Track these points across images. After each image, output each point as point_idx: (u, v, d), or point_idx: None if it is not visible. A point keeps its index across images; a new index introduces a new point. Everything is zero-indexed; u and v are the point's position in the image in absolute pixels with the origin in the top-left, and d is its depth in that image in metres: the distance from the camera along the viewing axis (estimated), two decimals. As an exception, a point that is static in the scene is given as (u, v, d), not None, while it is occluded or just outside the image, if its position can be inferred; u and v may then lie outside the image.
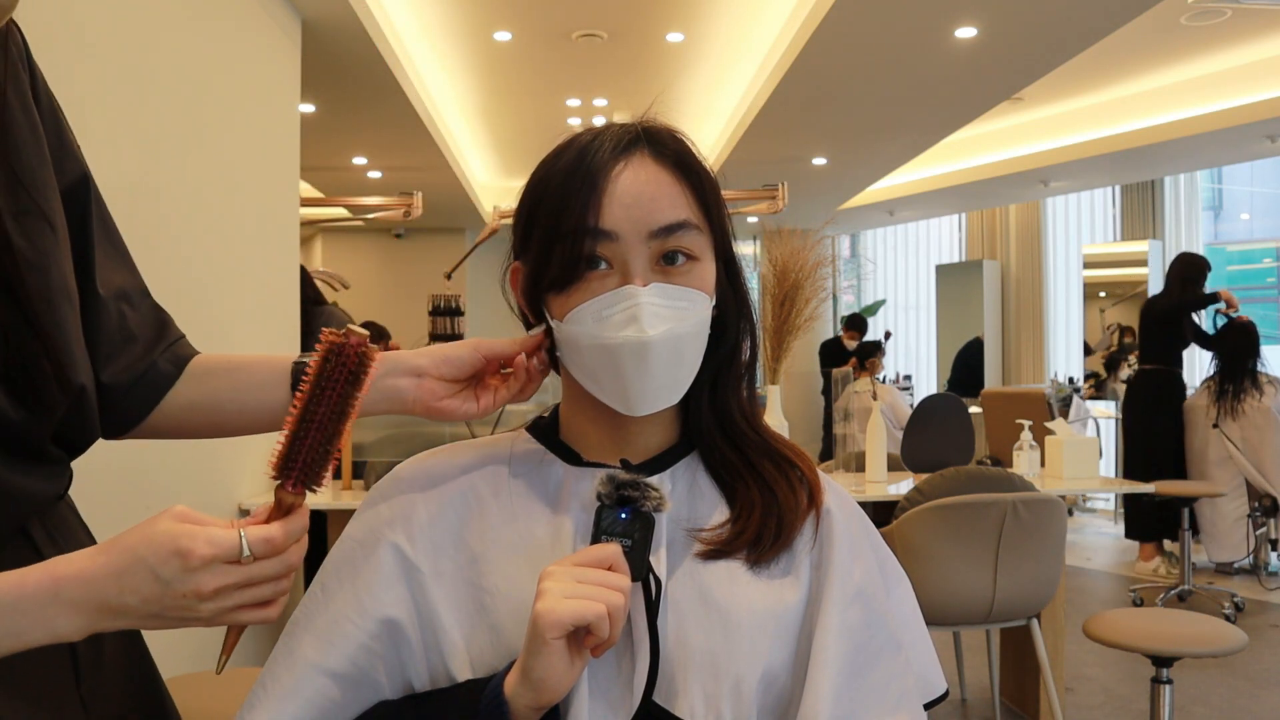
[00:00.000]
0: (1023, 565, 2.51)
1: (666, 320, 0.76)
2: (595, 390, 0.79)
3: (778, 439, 0.88)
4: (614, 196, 0.77)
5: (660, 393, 0.78)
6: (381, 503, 0.83)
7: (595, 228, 0.76)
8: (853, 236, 10.93)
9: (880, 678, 0.77)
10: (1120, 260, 7.42)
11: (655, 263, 0.78)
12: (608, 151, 0.79)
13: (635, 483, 0.75)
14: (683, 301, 0.78)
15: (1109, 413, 7.06)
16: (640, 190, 0.77)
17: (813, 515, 0.82)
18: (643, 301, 0.76)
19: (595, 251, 0.77)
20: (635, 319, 0.75)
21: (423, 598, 0.77)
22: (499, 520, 0.81)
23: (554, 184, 0.79)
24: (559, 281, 0.78)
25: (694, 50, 4.90)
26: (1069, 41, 3.96)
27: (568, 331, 0.78)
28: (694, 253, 0.79)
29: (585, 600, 0.68)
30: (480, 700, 0.71)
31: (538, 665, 0.68)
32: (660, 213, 0.77)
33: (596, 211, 0.76)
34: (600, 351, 0.77)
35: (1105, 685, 3.53)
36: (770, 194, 4.15)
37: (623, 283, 0.77)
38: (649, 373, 0.76)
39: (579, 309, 0.77)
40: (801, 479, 0.84)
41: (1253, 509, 4.86)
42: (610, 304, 0.76)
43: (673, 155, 0.80)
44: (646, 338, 0.75)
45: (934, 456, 3.09)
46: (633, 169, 0.78)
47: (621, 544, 0.73)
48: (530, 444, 0.87)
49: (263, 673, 0.77)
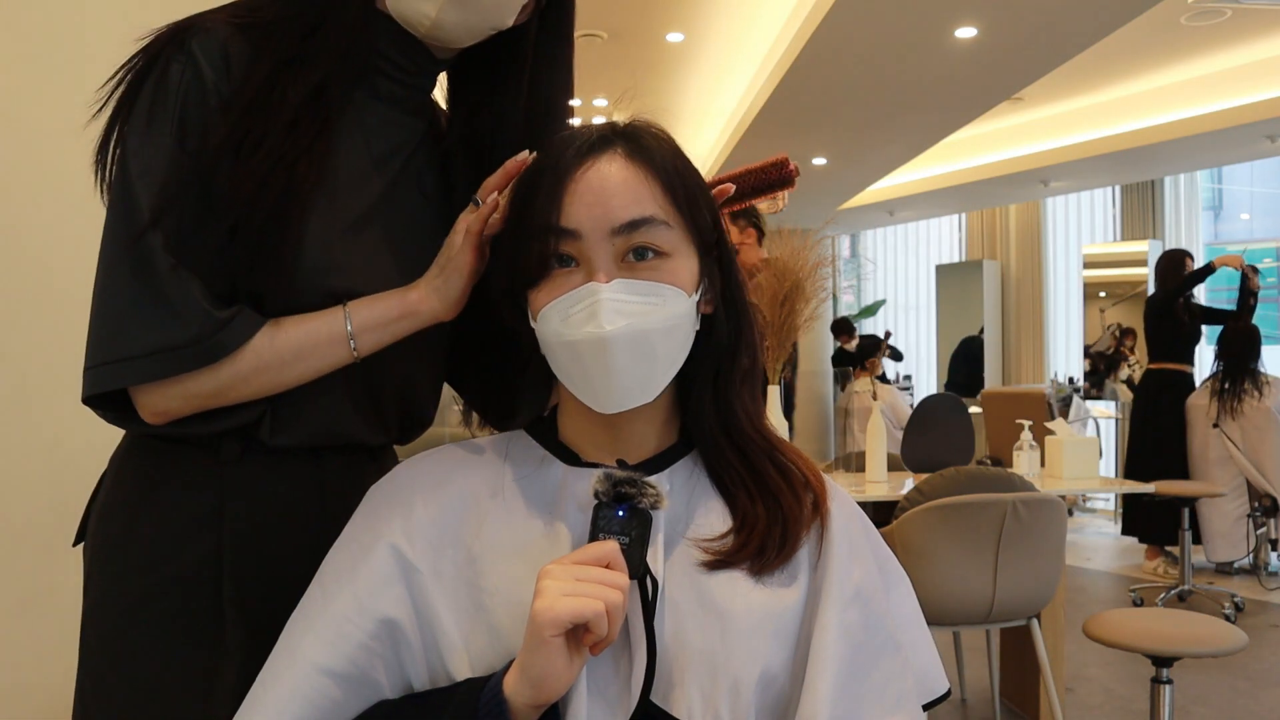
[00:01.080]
0: (1023, 565, 2.51)
1: (627, 316, 0.76)
2: (572, 388, 0.80)
3: (780, 443, 0.88)
4: (576, 195, 0.78)
5: (630, 390, 0.78)
6: (380, 503, 0.83)
7: (558, 225, 0.77)
8: (853, 236, 10.93)
9: (879, 678, 0.77)
10: (1120, 260, 7.42)
11: (622, 259, 0.78)
12: (575, 151, 0.80)
13: (632, 480, 0.75)
14: (651, 297, 0.77)
15: (1109, 413, 7.06)
16: (602, 187, 0.78)
17: (817, 521, 0.82)
18: (602, 298, 0.76)
19: (561, 249, 0.78)
20: (594, 315, 0.76)
21: (421, 598, 0.77)
22: (497, 520, 0.81)
23: (525, 183, 0.82)
24: (529, 279, 0.79)
25: (694, 50, 4.90)
26: (1069, 41, 3.96)
27: (540, 331, 0.79)
28: (663, 248, 0.79)
29: (583, 598, 0.68)
30: (480, 698, 0.71)
31: (536, 663, 0.68)
32: (623, 209, 0.78)
33: (559, 209, 0.77)
34: (566, 349, 0.77)
35: (1105, 685, 3.53)
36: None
37: (586, 280, 0.77)
38: (613, 369, 0.76)
39: (546, 308, 0.78)
40: (806, 484, 0.84)
41: (1253, 509, 4.86)
42: (573, 302, 0.77)
43: (646, 152, 0.80)
44: (604, 333, 0.75)
45: (934, 456, 3.09)
46: (599, 167, 0.79)
47: (619, 541, 0.73)
48: (529, 444, 0.87)
49: (262, 672, 0.77)
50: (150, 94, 0.85)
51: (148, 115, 0.85)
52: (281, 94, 0.87)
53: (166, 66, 0.85)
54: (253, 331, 0.85)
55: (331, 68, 0.90)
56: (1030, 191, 7.61)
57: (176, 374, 0.83)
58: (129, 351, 0.82)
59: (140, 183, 0.83)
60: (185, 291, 0.82)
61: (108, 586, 0.92)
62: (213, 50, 0.86)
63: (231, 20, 0.89)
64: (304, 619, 0.78)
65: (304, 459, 0.94)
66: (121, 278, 0.83)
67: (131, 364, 0.82)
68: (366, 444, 0.99)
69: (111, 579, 0.92)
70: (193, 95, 0.85)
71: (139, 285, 0.82)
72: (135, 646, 0.90)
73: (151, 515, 0.91)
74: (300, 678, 0.75)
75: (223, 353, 0.83)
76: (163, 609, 0.90)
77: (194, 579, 0.90)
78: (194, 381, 0.84)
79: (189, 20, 0.89)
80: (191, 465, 0.91)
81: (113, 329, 0.82)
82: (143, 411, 0.86)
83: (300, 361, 0.87)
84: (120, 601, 0.91)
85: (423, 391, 1.04)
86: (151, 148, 0.84)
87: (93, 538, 0.95)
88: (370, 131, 0.95)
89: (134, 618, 0.90)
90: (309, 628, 0.77)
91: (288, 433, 0.92)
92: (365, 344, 0.89)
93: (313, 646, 0.76)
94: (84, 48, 1.70)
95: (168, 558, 0.90)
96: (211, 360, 0.83)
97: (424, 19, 0.90)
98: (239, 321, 0.84)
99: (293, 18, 0.90)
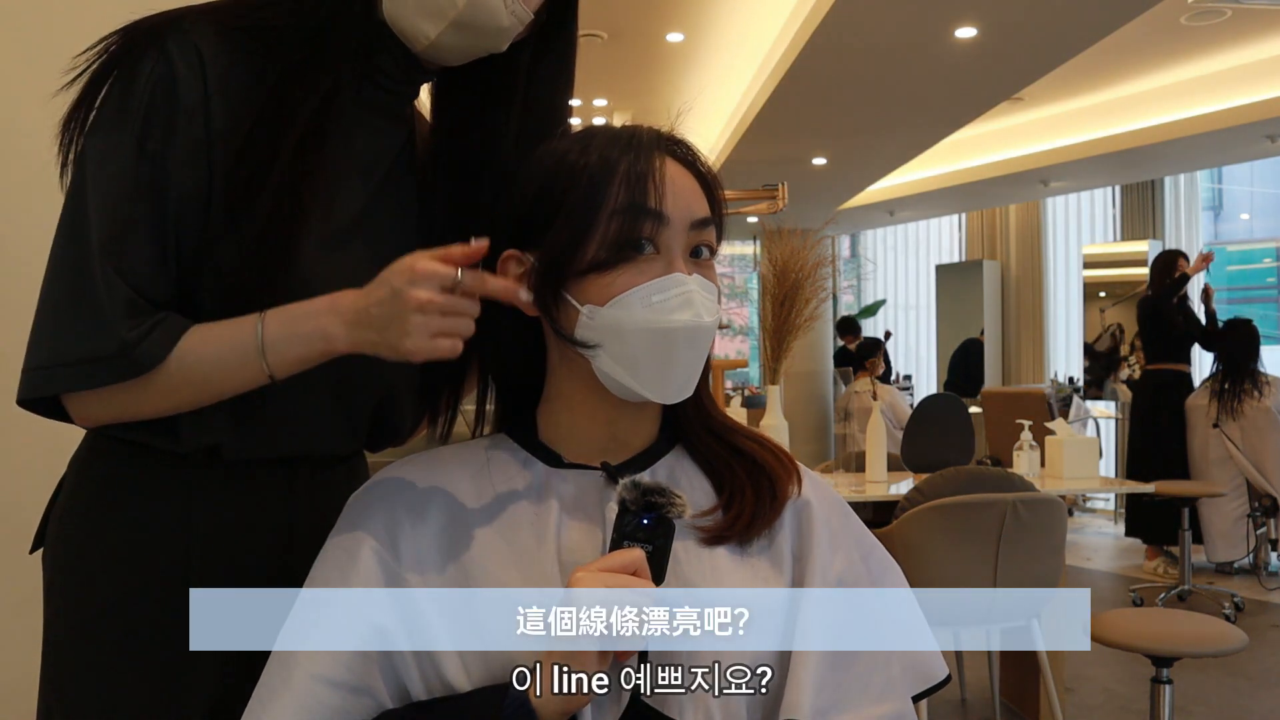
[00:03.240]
0: (1023, 565, 2.51)
1: (709, 310, 0.79)
2: (627, 378, 0.78)
3: (744, 426, 0.91)
4: (667, 183, 0.79)
5: (690, 381, 0.81)
6: (363, 511, 0.82)
7: (655, 210, 0.78)
8: (853, 236, 10.93)
9: (863, 669, 0.78)
10: (1120, 260, 7.41)
11: (688, 254, 0.81)
12: (648, 142, 0.81)
13: (661, 489, 0.75)
14: (712, 295, 0.81)
15: (1109, 413, 7.05)
16: (682, 181, 0.81)
17: (793, 504, 0.83)
18: (693, 288, 0.78)
19: (647, 234, 0.78)
20: (690, 304, 0.77)
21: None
22: (482, 524, 0.80)
23: (592, 167, 0.79)
24: (603, 263, 0.77)
25: (694, 50, 4.90)
26: (1069, 41, 3.95)
27: (611, 316, 0.77)
28: (714, 249, 0.83)
29: None
30: (503, 707, 0.70)
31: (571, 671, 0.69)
32: (699, 204, 0.81)
33: (656, 194, 0.78)
34: (652, 336, 0.77)
35: (1105, 685, 3.53)
36: (770, 194, 4.15)
37: (667, 269, 0.78)
38: (694, 359, 0.79)
39: (629, 293, 0.77)
40: (774, 451, 0.87)
41: (1253, 509, 4.86)
42: (659, 289, 0.77)
43: (686, 159, 0.83)
44: (703, 323, 0.78)
45: (934, 456, 3.08)
46: (668, 163, 0.81)
47: (644, 549, 0.73)
48: (509, 446, 0.86)
49: (258, 687, 0.76)
50: (118, 91, 0.83)
51: (112, 114, 0.83)
52: (291, 105, 0.86)
53: (137, 63, 0.83)
54: (170, 346, 0.81)
55: (339, 76, 0.89)
56: (1030, 191, 7.61)
57: (98, 386, 0.81)
58: (60, 359, 0.80)
59: (93, 187, 0.82)
60: (115, 302, 0.80)
61: (70, 595, 0.89)
62: (189, 50, 0.84)
63: (220, 21, 0.87)
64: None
65: (273, 467, 0.92)
66: (62, 282, 0.82)
67: (60, 370, 0.80)
68: (336, 453, 0.98)
69: (75, 586, 0.89)
70: (160, 95, 0.83)
71: (75, 292, 0.81)
72: (101, 656, 0.87)
73: (116, 521, 0.89)
74: (299, 689, 0.74)
75: (140, 369, 0.80)
76: (129, 618, 0.87)
77: (161, 587, 0.87)
78: (119, 393, 0.81)
79: (170, 14, 0.87)
80: (157, 471, 0.89)
81: (49, 333, 0.81)
82: (74, 416, 0.85)
83: (210, 385, 0.83)
84: (84, 610, 0.88)
85: (402, 406, 1.01)
86: (111, 150, 0.82)
87: (53, 544, 0.92)
88: (355, 139, 0.93)
89: (98, 626, 0.88)
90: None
91: (256, 447, 0.90)
92: (279, 369, 0.82)
93: (309, 657, 0.75)
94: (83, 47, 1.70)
95: (133, 565, 0.88)
96: (131, 375, 0.80)
97: (422, 38, 0.89)
98: (159, 333, 0.81)
99: (296, 25, 0.88)
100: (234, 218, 0.84)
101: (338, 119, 0.90)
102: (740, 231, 8.46)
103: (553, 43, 0.99)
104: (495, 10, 0.87)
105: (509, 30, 0.90)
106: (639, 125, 0.84)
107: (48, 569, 0.92)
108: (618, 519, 0.75)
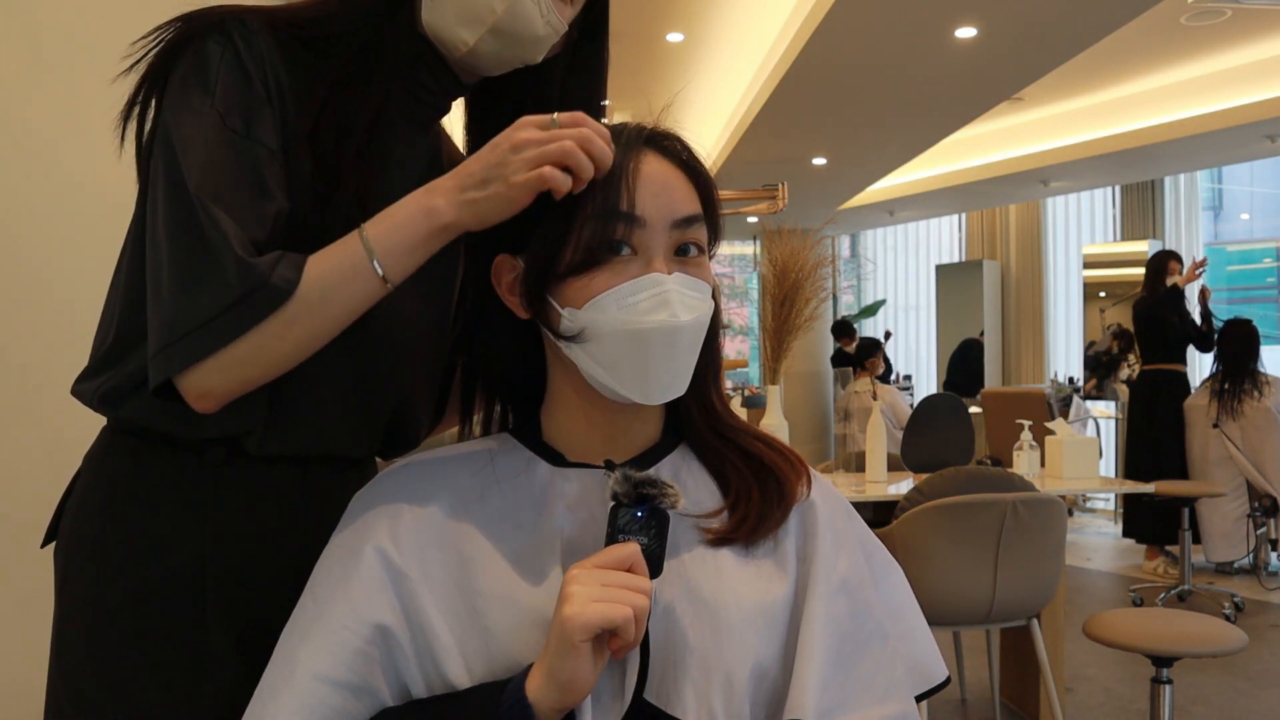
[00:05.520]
0: (1023, 565, 2.51)
1: (691, 309, 0.78)
2: (609, 379, 0.78)
3: (753, 427, 0.90)
4: (643, 183, 0.79)
5: (676, 381, 0.80)
6: (366, 509, 0.82)
7: (627, 212, 0.78)
8: (853, 236, 10.93)
9: (867, 669, 0.77)
10: (1120, 260, 7.42)
11: (672, 253, 0.80)
12: (628, 140, 0.81)
13: (651, 480, 0.75)
14: (698, 293, 0.80)
15: (1109, 413, 7.06)
16: (664, 179, 0.80)
17: (798, 506, 0.83)
18: (670, 288, 0.77)
19: (621, 236, 0.78)
20: (666, 304, 0.77)
21: (412, 603, 0.76)
22: (485, 523, 0.80)
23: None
24: (579, 266, 0.78)
25: (694, 50, 4.90)
26: (1069, 41, 3.96)
27: (588, 318, 0.77)
28: (703, 246, 0.82)
29: (612, 604, 0.68)
30: (500, 704, 0.70)
31: (566, 668, 0.68)
32: (684, 202, 0.80)
33: (629, 196, 0.78)
34: (627, 337, 0.77)
35: (1105, 685, 3.53)
36: (770, 194, 4.15)
37: (645, 269, 0.78)
38: (675, 359, 0.78)
39: (604, 295, 0.77)
40: (780, 451, 0.86)
41: (1253, 509, 4.86)
42: (636, 290, 0.77)
43: (677, 154, 0.83)
44: (679, 323, 0.77)
45: (934, 456, 3.09)
46: (652, 160, 0.81)
47: (639, 543, 0.73)
48: (513, 446, 0.86)
49: (260, 685, 0.76)
50: (195, 66, 0.83)
51: (190, 84, 0.83)
52: (346, 117, 0.87)
53: (204, 43, 0.84)
54: (300, 270, 0.79)
55: (390, 88, 0.91)
56: (1030, 191, 7.61)
57: (246, 329, 0.77)
58: (196, 322, 0.77)
59: (186, 157, 0.80)
60: (237, 247, 0.77)
61: (84, 589, 0.89)
62: (253, 44, 0.86)
63: (274, 25, 0.88)
64: (299, 629, 0.78)
65: (289, 467, 0.93)
66: (179, 251, 0.78)
67: (197, 335, 0.77)
68: (351, 455, 0.98)
69: (89, 583, 0.89)
70: (234, 76, 0.84)
71: (194, 255, 0.78)
72: (113, 652, 0.87)
73: (132, 518, 0.89)
74: (300, 688, 0.74)
75: (281, 296, 0.77)
76: (144, 615, 0.87)
77: (176, 585, 0.88)
78: (243, 348, 0.78)
79: (229, 8, 0.88)
80: (174, 468, 0.89)
81: (176, 308, 0.78)
82: (192, 397, 0.80)
83: (330, 307, 0.80)
84: (97, 605, 0.88)
85: (419, 410, 1.02)
86: (198, 120, 0.82)
87: (67, 539, 0.92)
88: (394, 151, 0.95)
89: (112, 622, 0.88)
90: (305, 638, 0.76)
91: (279, 443, 0.90)
92: (393, 267, 0.81)
93: (310, 656, 0.75)
94: (81, 46, 1.70)
95: (149, 562, 0.88)
96: (275, 305, 0.77)
97: (461, 44, 0.91)
98: (284, 263, 0.79)
99: (348, 37, 0.90)
100: (299, 224, 0.85)
101: (388, 130, 0.92)
102: (740, 231, 8.47)
103: (586, 58, 1.01)
104: (531, 18, 0.90)
105: (544, 40, 0.92)
106: (625, 123, 0.83)
107: (60, 563, 0.92)
108: (611, 513, 0.75)
